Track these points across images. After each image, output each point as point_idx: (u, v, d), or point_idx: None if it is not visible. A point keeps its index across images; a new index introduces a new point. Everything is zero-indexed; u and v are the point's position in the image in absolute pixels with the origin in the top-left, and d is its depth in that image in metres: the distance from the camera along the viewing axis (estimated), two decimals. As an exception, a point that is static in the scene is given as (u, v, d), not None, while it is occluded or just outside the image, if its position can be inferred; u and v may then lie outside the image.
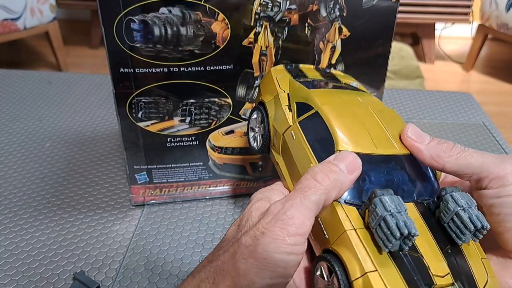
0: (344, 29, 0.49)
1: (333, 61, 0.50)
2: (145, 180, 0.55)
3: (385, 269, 0.26)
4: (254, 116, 0.42)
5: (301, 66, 0.44)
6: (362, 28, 0.49)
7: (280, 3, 0.46)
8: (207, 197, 0.59)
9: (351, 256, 0.26)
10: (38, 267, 0.49)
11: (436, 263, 0.27)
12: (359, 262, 0.26)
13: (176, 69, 0.48)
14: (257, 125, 0.42)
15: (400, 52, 1.85)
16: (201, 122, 0.52)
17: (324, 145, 0.31)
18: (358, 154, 0.30)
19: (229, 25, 0.46)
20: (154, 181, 0.56)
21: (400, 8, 0.50)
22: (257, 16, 0.46)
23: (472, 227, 0.27)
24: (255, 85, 0.51)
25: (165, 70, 0.48)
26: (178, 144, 0.53)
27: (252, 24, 0.47)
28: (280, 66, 0.44)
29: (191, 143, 0.54)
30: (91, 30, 2.59)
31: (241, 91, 0.51)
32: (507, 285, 0.29)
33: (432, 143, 0.31)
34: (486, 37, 2.33)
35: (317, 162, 0.31)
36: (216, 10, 0.45)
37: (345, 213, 0.28)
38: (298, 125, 0.34)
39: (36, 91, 0.87)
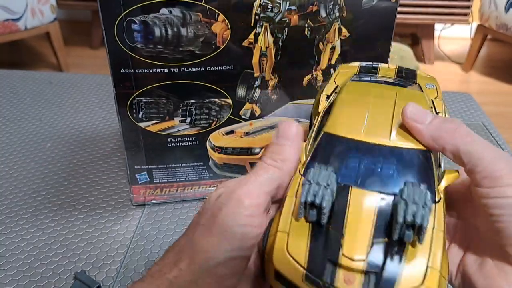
0: (344, 30, 0.49)
1: (333, 62, 0.51)
2: (146, 180, 0.56)
3: (296, 235, 0.26)
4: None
5: (381, 65, 0.41)
6: (361, 29, 0.49)
7: (280, 4, 0.46)
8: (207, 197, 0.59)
9: (277, 216, 0.28)
10: (39, 266, 0.49)
11: (354, 246, 0.25)
12: (278, 222, 0.27)
13: (176, 70, 0.48)
14: None
15: (399, 52, 1.85)
16: (201, 122, 0.52)
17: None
18: (335, 136, 0.30)
19: (229, 26, 0.46)
20: (155, 181, 0.56)
21: (400, 9, 0.50)
22: (257, 17, 0.47)
23: (401, 222, 0.25)
24: (255, 86, 0.51)
25: (166, 70, 0.48)
26: (178, 144, 0.53)
27: (252, 25, 0.47)
28: (355, 63, 0.41)
29: (191, 143, 0.54)
30: (91, 30, 2.59)
31: (241, 92, 0.51)
32: None
33: (435, 122, 0.29)
34: (485, 37, 2.34)
35: None
36: (216, 11, 0.45)
37: (297, 182, 0.29)
38: (321, 112, 0.35)
39: (37, 92, 0.87)
